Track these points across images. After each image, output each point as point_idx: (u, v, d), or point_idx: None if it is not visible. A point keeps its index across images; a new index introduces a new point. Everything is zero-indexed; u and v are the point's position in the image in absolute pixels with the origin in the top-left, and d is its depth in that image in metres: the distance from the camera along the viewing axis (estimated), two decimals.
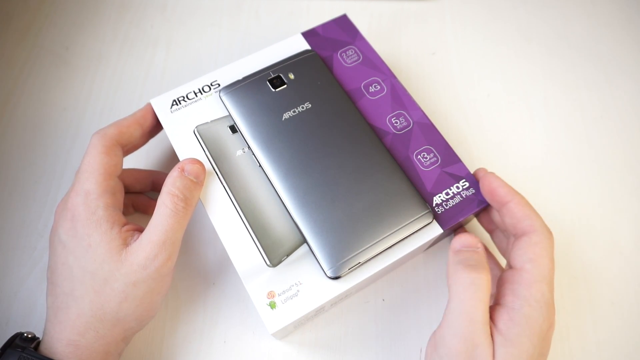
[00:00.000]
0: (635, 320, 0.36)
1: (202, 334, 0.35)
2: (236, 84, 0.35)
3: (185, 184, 0.30)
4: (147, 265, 0.29)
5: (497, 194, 0.31)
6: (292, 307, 0.30)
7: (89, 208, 0.29)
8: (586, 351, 0.35)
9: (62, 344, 0.28)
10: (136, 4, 0.49)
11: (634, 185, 0.41)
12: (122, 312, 0.29)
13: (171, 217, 0.29)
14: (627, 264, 0.38)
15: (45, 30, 0.48)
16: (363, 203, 0.32)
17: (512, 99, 0.45)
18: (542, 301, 0.27)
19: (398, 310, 0.36)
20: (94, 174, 0.30)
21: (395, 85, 0.37)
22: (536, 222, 0.30)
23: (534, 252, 0.29)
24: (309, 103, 0.35)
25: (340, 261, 0.30)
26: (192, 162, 0.32)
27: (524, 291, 0.28)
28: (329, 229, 0.31)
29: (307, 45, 0.38)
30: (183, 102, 0.36)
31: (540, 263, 0.28)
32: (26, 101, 0.44)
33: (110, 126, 0.33)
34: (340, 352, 0.35)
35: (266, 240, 0.31)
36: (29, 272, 0.37)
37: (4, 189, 0.40)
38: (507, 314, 0.27)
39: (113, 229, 0.29)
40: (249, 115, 0.34)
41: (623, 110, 0.44)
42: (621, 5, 0.50)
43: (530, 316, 0.27)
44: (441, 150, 0.34)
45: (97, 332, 0.29)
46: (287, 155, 0.33)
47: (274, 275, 0.31)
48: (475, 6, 0.50)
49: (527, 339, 0.27)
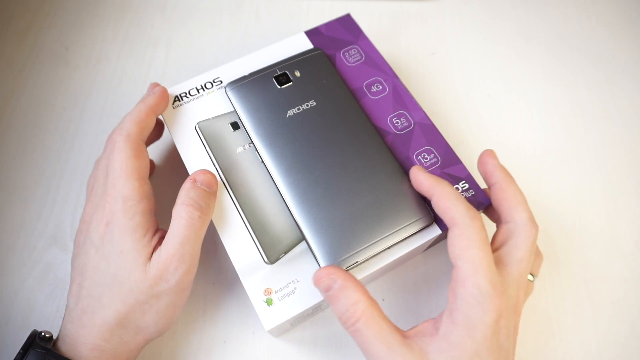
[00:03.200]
0: (635, 320, 0.36)
1: (202, 334, 0.35)
2: (242, 80, 0.35)
3: (198, 193, 0.30)
4: (168, 279, 0.28)
5: (422, 189, 0.30)
6: (288, 304, 0.30)
7: (127, 214, 0.29)
8: (586, 351, 0.35)
9: (86, 347, 0.28)
10: (136, 4, 0.49)
11: (634, 185, 0.41)
12: (145, 323, 0.29)
13: (187, 228, 0.29)
14: (627, 264, 0.38)
15: (45, 30, 0.48)
16: (363, 202, 0.32)
17: (512, 99, 0.45)
18: (479, 295, 0.25)
19: (398, 310, 0.36)
20: (129, 180, 0.30)
21: (397, 85, 0.37)
22: (456, 214, 0.27)
23: (459, 246, 0.27)
24: (314, 101, 0.35)
25: (338, 260, 0.30)
26: (204, 173, 0.31)
27: (460, 290, 0.26)
28: (328, 227, 0.31)
29: (310, 44, 0.38)
30: (185, 98, 0.36)
31: (468, 256, 0.26)
32: (26, 101, 0.44)
33: (131, 124, 0.31)
34: (341, 352, 0.35)
35: (264, 237, 0.31)
36: (29, 272, 0.37)
37: (4, 189, 0.40)
38: (450, 316, 0.26)
39: (145, 237, 0.29)
40: (253, 111, 0.34)
41: (623, 110, 0.44)
42: (621, 5, 0.50)
43: (469, 314, 0.25)
44: (442, 151, 0.34)
45: (122, 338, 0.29)
46: (289, 152, 0.33)
47: (272, 272, 0.31)
48: (475, 6, 0.50)
49: (469, 338, 0.25)
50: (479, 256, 0.26)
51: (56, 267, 0.37)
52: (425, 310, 0.36)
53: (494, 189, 0.30)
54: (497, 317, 0.25)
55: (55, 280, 0.37)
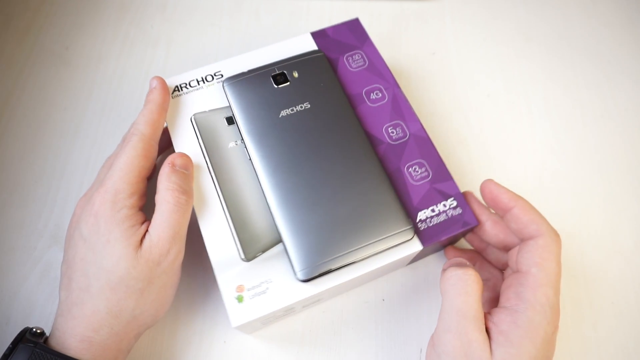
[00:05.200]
0: (635, 320, 0.36)
1: (202, 334, 0.35)
2: (240, 76, 0.36)
3: (180, 176, 0.31)
4: (160, 262, 0.29)
5: (500, 201, 0.31)
6: (258, 303, 0.30)
7: (115, 206, 0.29)
8: (586, 351, 0.35)
9: (75, 339, 0.28)
10: (136, 4, 0.49)
11: (634, 185, 0.41)
12: (138, 309, 0.29)
13: (175, 212, 0.30)
14: (627, 264, 0.38)
15: (45, 30, 0.48)
16: (345, 210, 0.31)
17: (512, 99, 0.45)
18: (547, 305, 0.27)
19: (398, 310, 0.36)
20: (128, 175, 0.30)
21: (397, 94, 0.36)
22: (542, 226, 0.29)
23: (540, 255, 0.29)
24: (309, 103, 0.35)
25: (312, 265, 0.30)
26: (181, 156, 0.32)
27: (528, 294, 0.28)
28: (306, 231, 0.31)
29: (314, 46, 0.38)
30: (185, 89, 0.36)
31: (546, 267, 0.28)
32: (26, 101, 0.44)
33: (144, 125, 0.32)
34: (340, 352, 0.35)
35: (244, 234, 0.31)
36: (29, 272, 0.37)
37: (4, 189, 0.40)
38: (511, 316, 0.27)
39: (133, 227, 0.29)
40: (247, 108, 0.34)
41: (623, 110, 0.44)
42: (621, 5, 0.50)
43: (533, 319, 0.27)
44: (434, 165, 0.34)
45: (112, 329, 0.29)
46: (277, 152, 0.33)
47: (247, 269, 0.31)
48: (475, 6, 0.50)
49: (529, 341, 0.26)
50: (555, 270, 0.29)
51: (56, 267, 0.37)
52: (426, 310, 0.36)
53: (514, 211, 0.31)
54: (555, 329, 0.28)
55: (55, 280, 0.37)
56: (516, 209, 0.30)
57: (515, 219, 0.30)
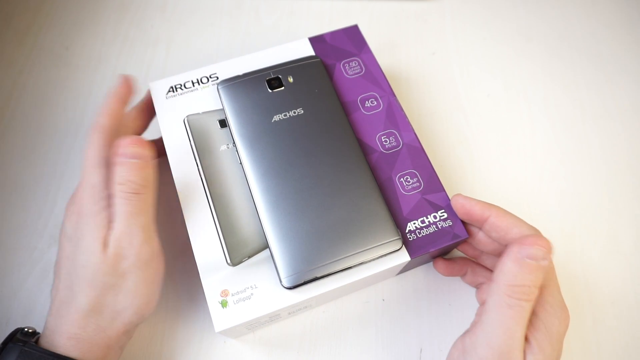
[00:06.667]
0: (635, 320, 0.36)
1: (202, 334, 0.35)
2: (235, 79, 0.35)
3: (128, 169, 0.29)
4: (126, 255, 0.29)
5: (473, 214, 0.31)
6: (242, 309, 0.29)
7: (92, 200, 0.29)
8: (586, 351, 0.35)
9: (63, 337, 0.28)
10: (136, 4, 0.49)
11: (634, 185, 0.41)
12: (120, 305, 0.29)
13: (127, 205, 0.29)
14: (627, 264, 0.38)
15: (45, 30, 0.48)
16: (333, 218, 0.31)
17: (512, 99, 0.45)
18: (556, 304, 0.27)
19: (398, 310, 0.36)
20: (97, 168, 0.30)
21: (393, 103, 0.36)
22: (523, 227, 0.29)
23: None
24: (302, 109, 0.34)
25: (297, 272, 0.30)
26: (132, 144, 0.30)
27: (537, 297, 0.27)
28: (293, 238, 0.30)
29: (312, 51, 0.38)
30: (179, 90, 0.36)
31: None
32: (26, 101, 0.44)
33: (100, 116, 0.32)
34: (341, 352, 0.35)
35: (231, 238, 0.31)
36: (29, 272, 0.37)
37: (4, 189, 0.40)
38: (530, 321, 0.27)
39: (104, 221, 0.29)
40: (239, 112, 0.34)
41: (623, 110, 0.44)
42: (621, 5, 0.50)
43: (546, 321, 0.27)
44: (426, 176, 0.33)
45: (98, 325, 0.29)
46: (267, 157, 0.33)
47: (232, 274, 0.30)
48: (475, 6, 0.50)
49: (548, 343, 0.27)
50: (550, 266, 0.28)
51: None
52: (426, 310, 0.36)
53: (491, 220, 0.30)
54: (567, 328, 0.28)
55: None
56: (492, 218, 0.30)
57: (494, 228, 0.30)
